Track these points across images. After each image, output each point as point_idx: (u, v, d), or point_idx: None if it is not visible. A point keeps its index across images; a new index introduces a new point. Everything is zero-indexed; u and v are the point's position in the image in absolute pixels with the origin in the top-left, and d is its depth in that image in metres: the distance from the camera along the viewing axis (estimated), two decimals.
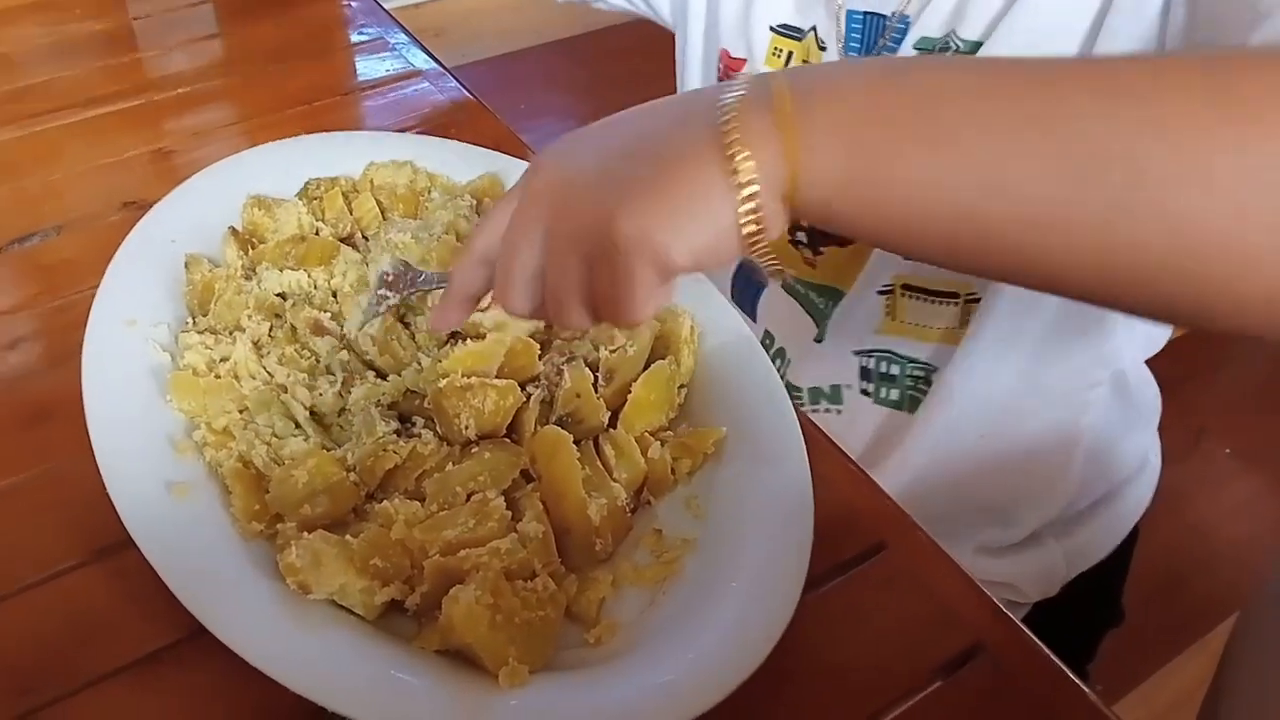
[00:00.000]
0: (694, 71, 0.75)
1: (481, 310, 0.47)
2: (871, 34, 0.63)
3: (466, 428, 0.49)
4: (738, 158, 0.33)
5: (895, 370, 0.68)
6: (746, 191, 0.33)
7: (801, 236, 0.68)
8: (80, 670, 0.43)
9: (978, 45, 0.58)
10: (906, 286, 0.66)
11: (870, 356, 0.69)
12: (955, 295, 0.65)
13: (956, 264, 0.34)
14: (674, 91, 0.74)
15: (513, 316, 0.41)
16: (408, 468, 0.48)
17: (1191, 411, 0.74)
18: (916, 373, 0.67)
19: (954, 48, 0.58)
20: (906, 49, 0.60)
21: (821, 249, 0.68)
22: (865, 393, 0.70)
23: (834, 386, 0.72)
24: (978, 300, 0.64)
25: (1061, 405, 0.69)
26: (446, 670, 0.42)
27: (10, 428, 0.53)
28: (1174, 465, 0.78)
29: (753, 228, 0.33)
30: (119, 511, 0.43)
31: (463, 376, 0.49)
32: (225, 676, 0.40)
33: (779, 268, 0.36)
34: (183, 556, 0.42)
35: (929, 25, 0.60)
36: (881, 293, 0.66)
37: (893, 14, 0.61)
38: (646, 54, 1.02)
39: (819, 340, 0.71)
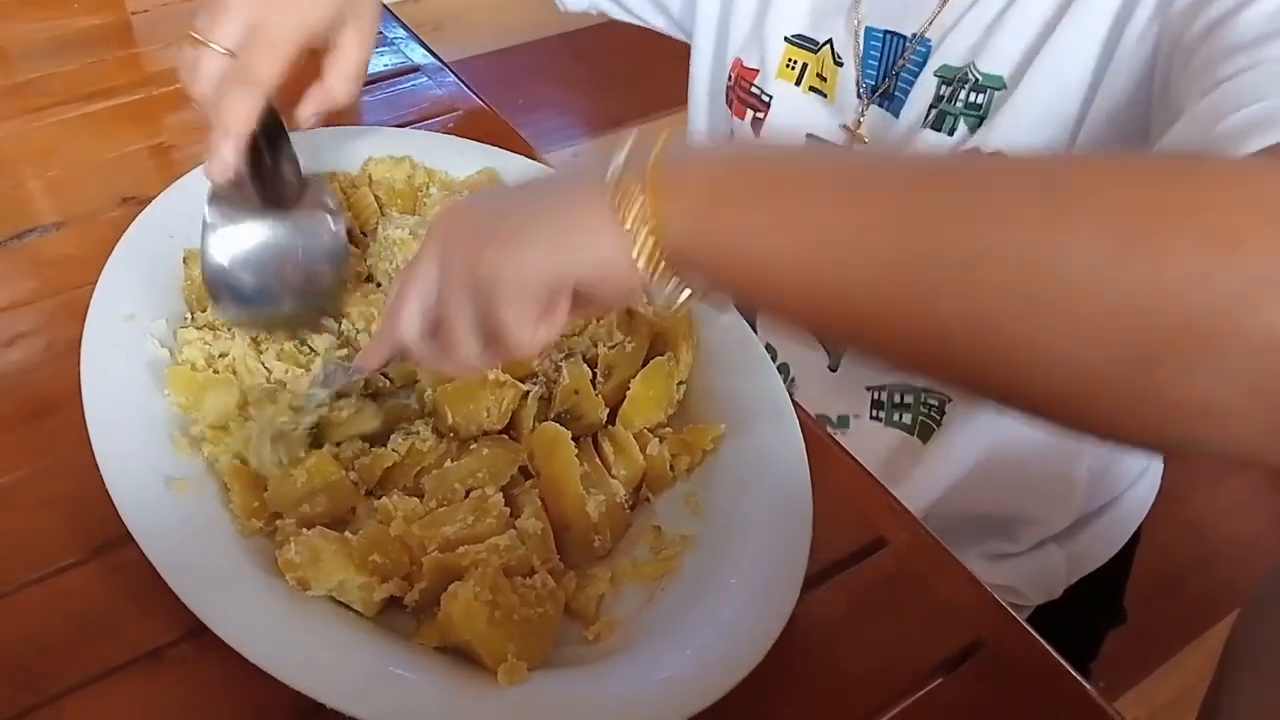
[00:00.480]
0: (702, 83, 0.74)
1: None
2: (891, 54, 0.62)
3: (466, 427, 0.49)
4: (621, 198, 0.35)
5: (910, 399, 0.68)
6: (630, 225, 0.35)
7: None
8: (81, 667, 0.43)
9: (997, 79, 0.57)
10: None
11: (884, 390, 0.69)
12: None
13: (795, 322, 0.37)
14: (679, 91, 0.74)
15: (403, 344, 0.42)
16: (406, 465, 0.48)
17: None
18: (931, 401, 0.67)
19: (973, 79, 0.58)
20: (927, 75, 0.60)
21: None
22: (876, 419, 0.70)
23: (841, 416, 0.72)
24: None
25: None
26: (445, 667, 0.42)
27: (10, 423, 0.53)
28: (1173, 462, 0.78)
29: (649, 250, 0.35)
30: (118, 507, 0.43)
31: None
32: (226, 673, 0.40)
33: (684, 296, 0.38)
34: (182, 553, 0.42)
35: (950, 54, 0.59)
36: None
37: (913, 35, 0.60)
38: (644, 49, 1.02)
39: (833, 369, 0.70)
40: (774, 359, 0.74)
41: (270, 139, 0.52)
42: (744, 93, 0.69)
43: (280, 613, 0.41)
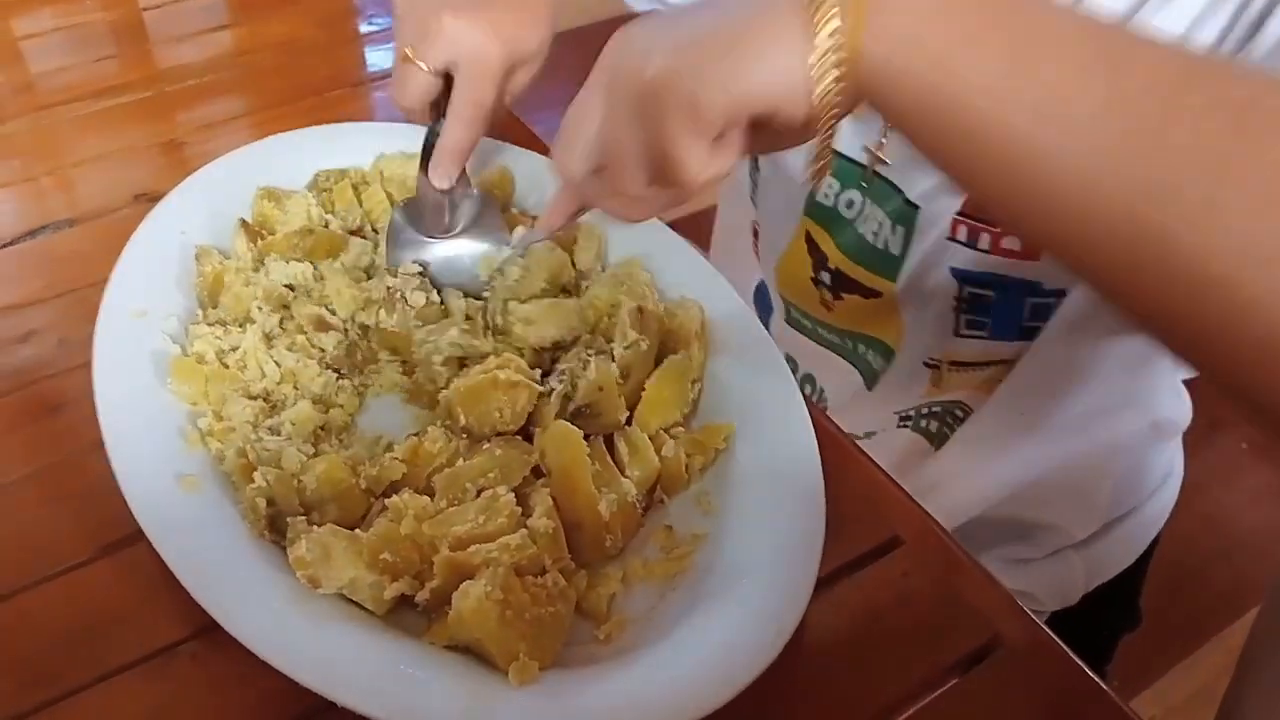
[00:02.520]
0: None
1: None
2: None
3: (479, 428, 0.49)
4: (823, 14, 0.31)
5: (937, 409, 0.68)
6: (827, 41, 0.31)
7: (825, 278, 0.67)
8: (95, 663, 0.43)
9: None
10: (953, 363, 0.65)
11: (910, 413, 0.69)
12: (1000, 362, 0.64)
13: (986, 189, 0.31)
14: None
15: (570, 181, 0.41)
16: (418, 464, 0.47)
17: (1204, 401, 0.73)
18: (958, 413, 0.67)
19: None
20: None
21: (842, 295, 0.66)
22: (901, 425, 0.69)
23: (869, 432, 0.71)
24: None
25: (1097, 440, 0.68)
26: (456, 665, 0.41)
27: (23, 420, 0.53)
28: (1191, 458, 0.77)
29: (831, 78, 0.31)
30: (129, 504, 0.43)
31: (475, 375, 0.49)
32: (236, 670, 0.40)
33: (826, 163, 0.35)
34: (193, 550, 0.42)
35: None
36: (929, 365, 0.65)
37: None
38: None
39: (870, 389, 0.69)
40: (811, 382, 0.74)
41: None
42: None
43: (291, 610, 0.41)
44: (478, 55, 0.51)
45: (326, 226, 0.60)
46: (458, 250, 0.57)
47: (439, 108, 0.54)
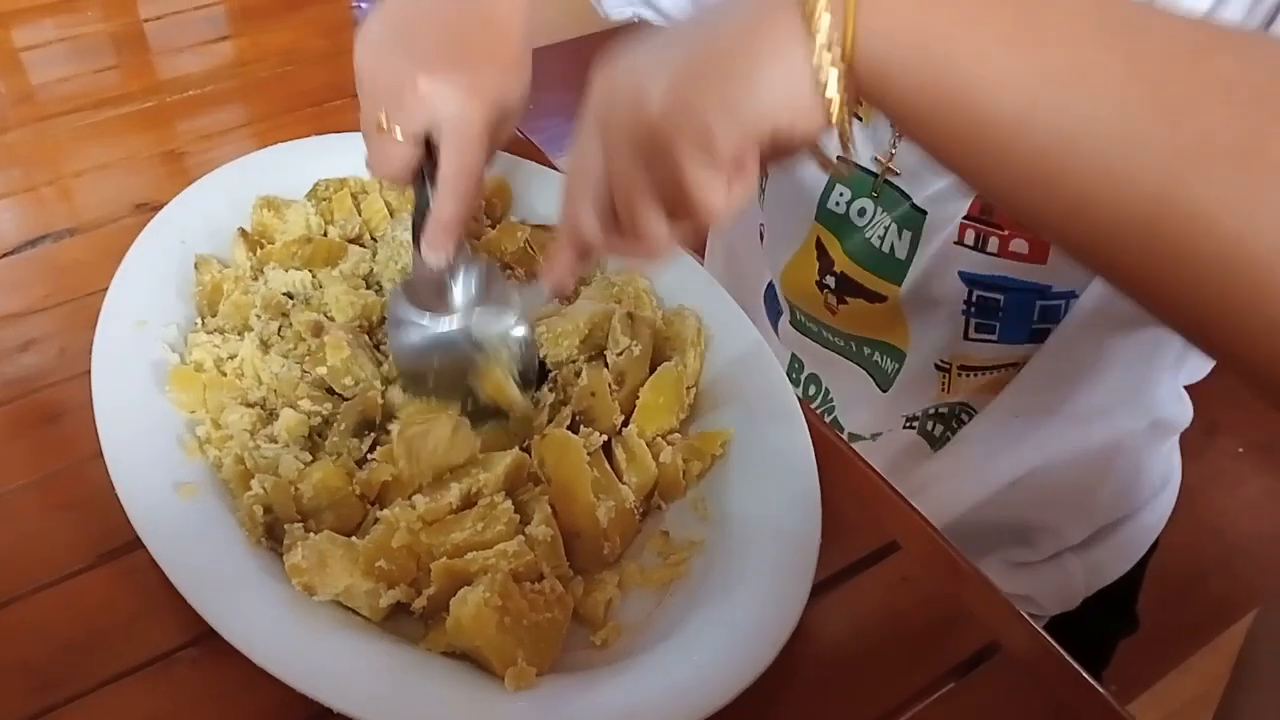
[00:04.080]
0: None
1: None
2: None
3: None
4: (818, 10, 0.29)
5: (944, 411, 0.68)
6: (822, 44, 0.29)
7: (830, 281, 0.67)
8: (91, 671, 0.43)
9: None
10: (963, 367, 0.65)
11: (917, 415, 0.69)
12: (1008, 365, 0.64)
13: (999, 184, 0.30)
14: None
15: (586, 236, 0.38)
16: (404, 482, 0.47)
17: (1202, 405, 0.73)
18: (964, 417, 0.67)
19: None
20: None
21: (847, 299, 0.66)
22: (907, 428, 0.70)
23: (876, 434, 0.71)
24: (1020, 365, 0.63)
25: (1097, 439, 0.68)
26: (453, 672, 0.42)
27: (23, 428, 0.53)
28: (1188, 463, 0.78)
29: (835, 85, 0.29)
30: (128, 513, 0.43)
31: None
32: (234, 677, 0.40)
33: (845, 157, 0.33)
34: (191, 558, 0.42)
35: None
36: (939, 368, 0.66)
37: None
38: None
39: (884, 390, 0.69)
40: (816, 383, 0.74)
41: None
42: None
43: (288, 617, 0.41)
44: (461, 119, 0.46)
45: (325, 235, 0.60)
46: (464, 332, 0.51)
47: (424, 174, 0.48)
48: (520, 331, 0.50)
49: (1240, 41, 0.27)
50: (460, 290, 0.50)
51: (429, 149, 0.48)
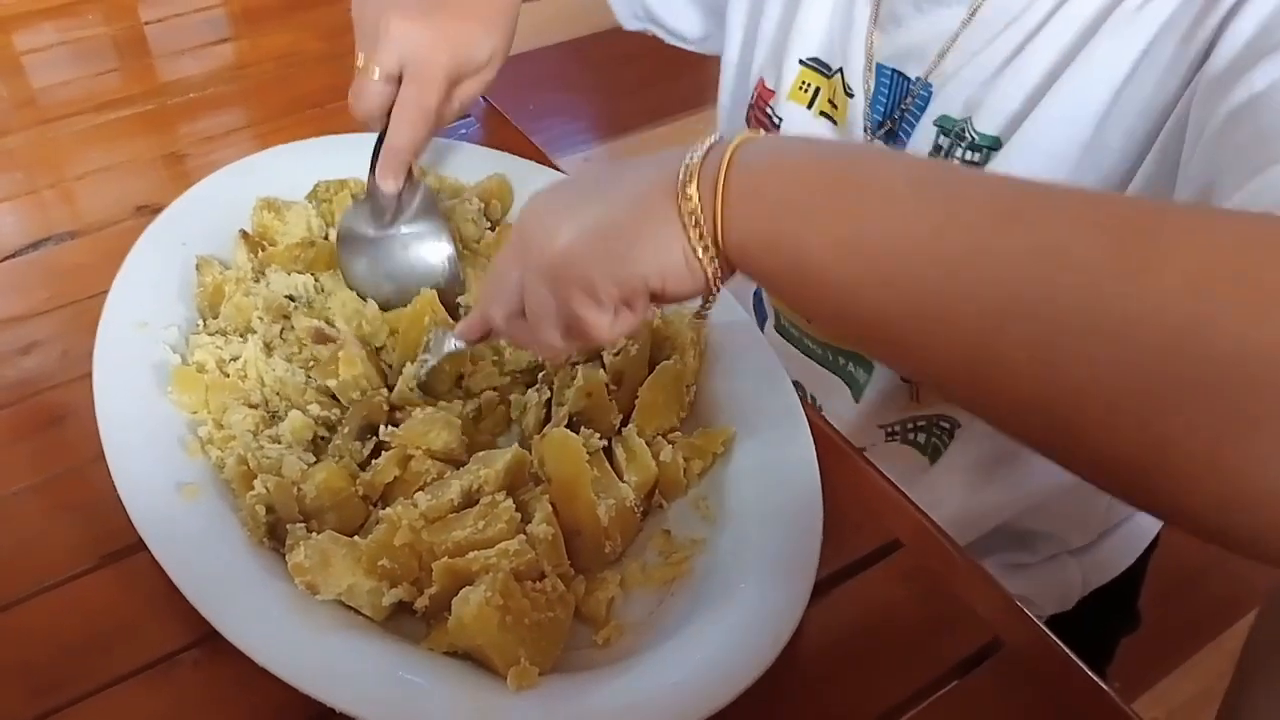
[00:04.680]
0: (725, 100, 0.74)
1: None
2: (897, 93, 0.60)
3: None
4: (688, 193, 0.36)
5: (923, 424, 0.68)
6: (695, 239, 0.36)
7: None
8: (94, 672, 0.43)
9: (993, 139, 0.55)
10: None
11: (896, 425, 0.69)
12: None
13: (853, 338, 0.35)
14: (686, 96, 0.74)
15: (494, 325, 0.45)
16: (406, 481, 0.48)
17: None
18: (944, 425, 0.67)
19: (970, 139, 0.56)
20: (927, 122, 0.58)
21: None
22: (890, 440, 0.69)
23: (860, 447, 0.71)
24: None
25: None
26: (455, 671, 0.42)
27: (26, 431, 0.53)
28: None
29: (706, 258, 0.36)
30: (130, 514, 0.43)
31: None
32: (237, 677, 0.40)
33: (706, 314, 0.40)
34: (193, 559, 0.42)
35: (949, 104, 0.57)
36: (906, 379, 0.65)
37: (916, 79, 0.59)
38: (653, 56, 1.02)
39: (857, 400, 0.69)
40: (800, 390, 0.74)
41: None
42: (760, 113, 0.68)
43: (290, 618, 0.41)
44: (424, 58, 0.53)
45: (326, 237, 0.60)
46: (398, 248, 0.58)
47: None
48: (448, 249, 0.57)
49: (1039, 195, 0.30)
50: (403, 210, 0.57)
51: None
